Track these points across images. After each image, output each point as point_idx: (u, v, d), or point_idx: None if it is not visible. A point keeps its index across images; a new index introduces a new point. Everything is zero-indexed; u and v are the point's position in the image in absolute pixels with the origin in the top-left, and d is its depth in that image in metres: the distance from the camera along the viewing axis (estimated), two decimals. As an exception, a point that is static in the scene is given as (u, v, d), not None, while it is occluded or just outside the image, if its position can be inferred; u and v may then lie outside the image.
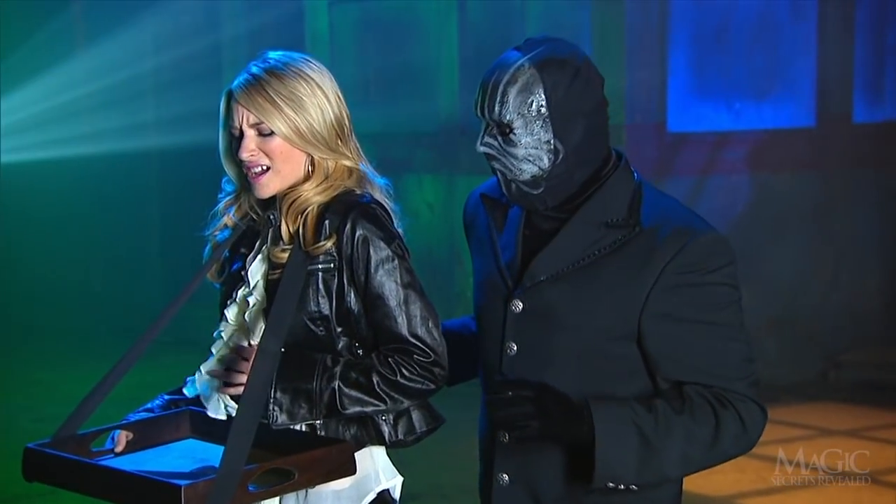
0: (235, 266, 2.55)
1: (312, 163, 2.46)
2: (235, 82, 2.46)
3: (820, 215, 8.29)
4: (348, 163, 2.48)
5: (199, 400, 2.54)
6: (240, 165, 2.48)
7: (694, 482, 2.49)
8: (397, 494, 2.52)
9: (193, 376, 2.56)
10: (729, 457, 2.36)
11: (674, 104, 7.89)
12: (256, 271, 2.49)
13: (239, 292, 2.51)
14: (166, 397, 2.64)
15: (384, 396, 2.36)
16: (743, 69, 8.12)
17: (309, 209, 2.43)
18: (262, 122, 2.42)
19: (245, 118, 2.43)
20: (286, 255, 2.43)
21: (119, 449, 2.49)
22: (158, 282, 10.31)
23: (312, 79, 2.45)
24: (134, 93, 10.30)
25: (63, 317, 10.52)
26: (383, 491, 2.48)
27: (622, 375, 2.36)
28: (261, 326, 2.46)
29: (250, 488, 2.19)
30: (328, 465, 2.30)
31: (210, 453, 2.45)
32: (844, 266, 8.36)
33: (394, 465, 2.53)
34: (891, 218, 8.44)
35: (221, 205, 2.58)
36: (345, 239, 2.39)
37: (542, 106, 2.32)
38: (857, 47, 8.32)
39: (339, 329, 2.43)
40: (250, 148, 2.43)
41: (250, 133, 2.43)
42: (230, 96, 2.46)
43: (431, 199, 8.65)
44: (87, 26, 10.62)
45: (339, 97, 2.49)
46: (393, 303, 2.39)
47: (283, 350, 2.36)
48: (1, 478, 5.77)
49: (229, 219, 2.56)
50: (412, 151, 8.65)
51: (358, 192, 2.46)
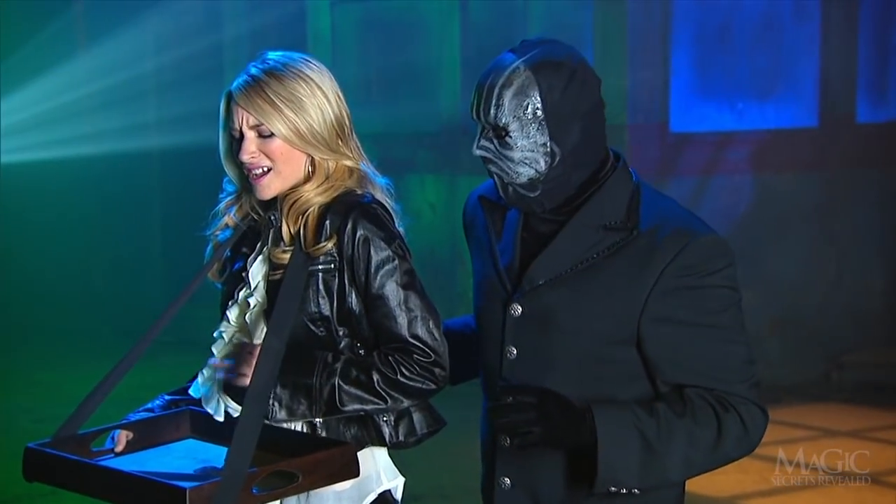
0: (237, 266, 2.55)
1: (313, 163, 2.46)
2: (235, 84, 2.45)
3: (823, 215, 8.28)
4: (349, 163, 2.48)
5: (200, 400, 2.53)
6: (241, 167, 2.48)
7: (696, 483, 2.48)
8: (399, 495, 2.52)
9: (197, 378, 2.56)
10: (731, 459, 2.35)
11: (676, 104, 7.88)
12: (257, 272, 2.49)
13: (240, 293, 2.50)
14: (167, 397, 2.63)
15: (384, 395, 2.36)
16: (746, 69, 8.11)
17: (310, 210, 2.42)
18: (262, 124, 2.42)
19: (245, 120, 2.43)
20: (287, 256, 2.42)
21: (119, 449, 2.48)
22: (160, 282, 10.30)
23: (312, 79, 2.44)
24: (135, 93, 10.29)
25: (64, 317, 10.51)
26: (385, 491, 2.48)
27: (622, 379, 2.34)
28: (262, 327, 2.46)
29: (254, 491, 2.19)
30: (332, 468, 2.29)
31: (211, 454, 2.45)
32: (847, 266, 8.35)
33: (396, 466, 2.53)
34: (894, 218, 8.42)
35: (222, 205, 2.58)
36: (345, 239, 2.39)
37: (538, 108, 2.30)
38: (861, 47, 8.31)
39: (341, 329, 2.43)
40: (250, 150, 2.43)
41: (250, 135, 2.43)
42: (230, 98, 2.46)
43: (433, 199, 8.65)
44: (89, 26, 10.61)
45: (340, 97, 2.49)
46: (393, 303, 2.39)
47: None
48: (2, 478, 5.76)
49: (230, 219, 2.56)
50: (414, 151, 8.64)
51: (359, 193, 2.45)
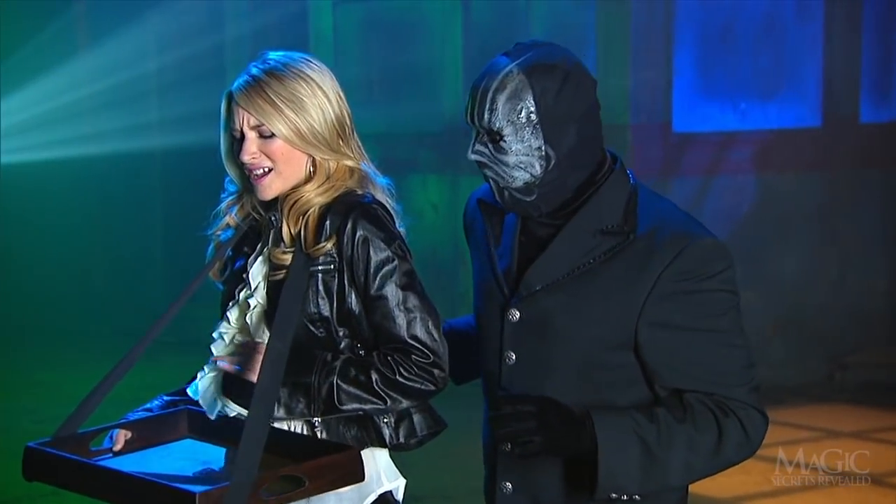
0: (237, 266, 2.54)
1: (314, 163, 2.45)
2: (235, 84, 2.45)
3: (826, 216, 8.27)
4: (350, 163, 2.47)
5: (198, 400, 2.53)
6: (242, 167, 2.48)
7: (698, 483, 2.47)
8: (400, 496, 2.51)
9: (196, 379, 2.55)
10: (731, 464, 2.34)
11: (679, 104, 7.86)
12: (257, 273, 2.48)
13: (240, 294, 2.50)
14: (165, 398, 2.62)
15: (383, 395, 2.35)
16: (749, 69, 8.09)
17: (310, 211, 2.42)
18: (263, 124, 2.41)
19: (245, 120, 2.42)
20: (287, 257, 2.42)
21: (118, 448, 2.48)
22: (161, 282, 10.30)
23: (312, 79, 2.44)
24: (137, 93, 10.29)
25: (65, 317, 10.50)
26: (385, 492, 2.47)
27: (622, 384, 2.33)
28: (262, 328, 2.45)
29: (262, 495, 2.18)
30: (338, 472, 2.29)
31: (211, 455, 2.45)
32: (850, 267, 8.34)
33: (397, 467, 2.52)
34: (897, 219, 8.43)
35: (224, 205, 2.57)
36: (345, 240, 2.39)
37: (532, 112, 2.29)
38: (864, 47, 8.30)
39: (341, 330, 2.42)
40: (251, 150, 2.43)
41: (251, 135, 2.43)
42: (230, 98, 2.46)
43: (435, 200, 8.64)
44: (90, 26, 10.61)
45: (340, 96, 2.48)
46: (392, 304, 2.38)
47: None
48: (3, 479, 5.75)
49: (231, 219, 2.56)
50: (416, 152, 8.63)
51: (359, 193, 2.45)
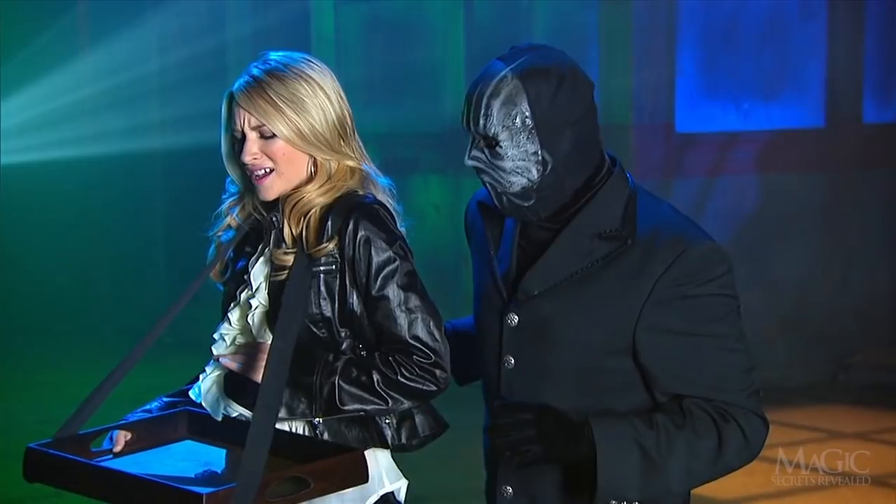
0: (239, 266, 2.54)
1: (315, 164, 2.45)
2: (236, 84, 2.45)
3: (829, 216, 8.26)
4: (351, 163, 2.47)
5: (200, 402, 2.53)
6: (243, 168, 2.47)
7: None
8: (402, 497, 2.51)
9: (198, 380, 2.55)
10: (732, 469, 2.33)
11: (682, 104, 7.85)
12: (259, 274, 2.48)
13: (242, 295, 2.49)
14: (165, 399, 2.62)
15: (384, 395, 2.35)
16: (752, 69, 8.08)
17: (312, 211, 2.42)
18: (264, 125, 2.41)
19: (246, 121, 2.42)
20: (289, 258, 2.42)
21: (118, 449, 2.47)
22: (163, 282, 10.31)
23: (313, 79, 2.43)
24: (139, 93, 10.29)
25: (67, 318, 10.50)
26: (387, 493, 2.46)
27: (620, 389, 2.32)
28: (264, 329, 2.45)
29: (268, 496, 2.18)
30: (342, 473, 2.29)
31: (212, 456, 2.44)
32: (854, 267, 8.33)
33: (400, 468, 2.51)
34: (901, 219, 8.41)
35: (225, 205, 2.57)
36: (347, 240, 2.38)
37: (527, 117, 2.27)
38: (868, 47, 8.29)
39: (342, 331, 2.42)
40: (252, 151, 2.42)
41: (252, 136, 2.42)
42: (231, 98, 2.45)
43: (437, 200, 8.63)
44: (92, 27, 10.61)
45: (341, 96, 2.48)
46: (394, 304, 2.38)
47: None
48: (5, 480, 5.75)
49: (233, 219, 2.55)
50: (418, 152, 8.62)
51: (361, 193, 2.44)
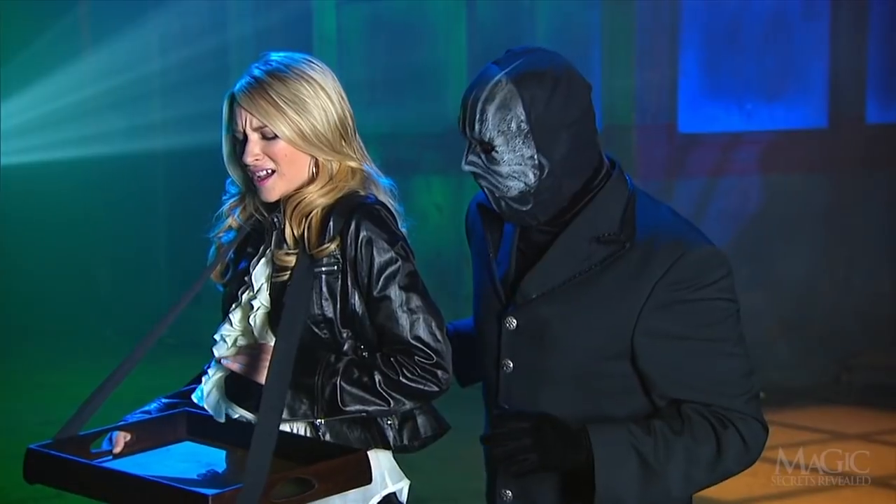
0: (240, 267, 2.53)
1: (317, 164, 2.45)
2: (237, 86, 2.44)
3: (832, 217, 8.25)
4: (352, 163, 2.47)
5: (196, 402, 2.53)
6: (244, 169, 2.47)
7: (704, 486, 2.45)
8: (404, 498, 2.51)
9: (200, 382, 2.55)
10: (732, 474, 2.31)
11: (685, 105, 7.85)
12: (260, 274, 2.48)
13: (243, 295, 2.49)
14: (164, 401, 2.62)
15: (386, 396, 2.35)
16: (755, 69, 8.08)
17: (313, 212, 2.42)
18: (266, 126, 2.41)
19: (248, 122, 2.42)
20: (290, 259, 2.41)
21: (117, 450, 2.47)
22: (165, 284, 10.31)
23: (315, 80, 2.43)
24: (140, 94, 10.30)
25: (69, 319, 10.51)
26: (389, 494, 2.46)
27: (618, 394, 2.31)
28: (266, 330, 2.45)
29: (273, 497, 2.18)
30: (346, 474, 2.29)
31: (213, 457, 2.44)
32: (857, 268, 8.32)
33: (402, 469, 2.51)
34: (904, 220, 8.40)
35: (226, 206, 2.57)
36: (349, 241, 2.38)
37: (522, 122, 2.26)
38: (871, 47, 8.28)
39: (344, 331, 2.41)
40: (254, 152, 2.42)
41: (254, 137, 2.42)
42: (232, 100, 2.45)
43: (440, 201, 8.62)
44: (94, 27, 10.62)
45: (342, 97, 2.48)
46: (395, 305, 2.38)
47: None
48: (6, 481, 5.74)
49: (234, 221, 2.56)
50: (420, 153, 8.61)
51: (362, 194, 2.45)
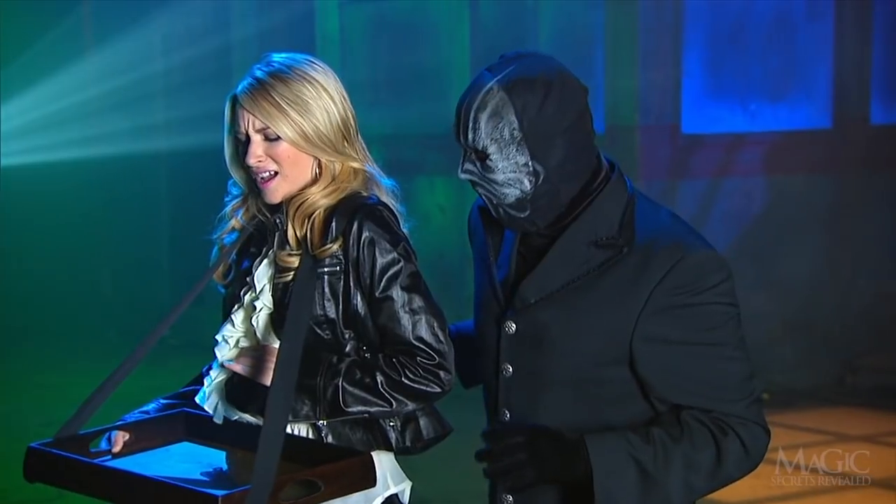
0: (243, 267, 2.53)
1: (319, 165, 2.45)
2: (240, 87, 2.44)
3: (836, 218, 8.24)
4: (355, 164, 2.47)
5: (195, 402, 2.53)
6: (247, 170, 2.47)
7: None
8: (406, 499, 2.51)
9: (200, 382, 2.55)
10: (733, 480, 2.30)
11: (688, 105, 7.84)
12: (263, 275, 2.48)
13: (246, 297, 2.49)
14: (162, 401, 2.62)
15: (388, 397, 2.34)
16: (758, 70, 8.07)
17: (316, 213, 2.42)
18: (268, 127, 2.41)
19: (251, 123, 2.42)
20: (292, 259, 2.42)
21: (116, 449, 2.46)
22: (167, 284, 10.31)
23: (317, 81, 2.43)
24: (143, 94, 10.31)
25: (70, 319, 10.51)
26: (391, 496, 2.46)
27: (618, 399, 2.30)
28: (268, 331, 2.45)
29: (281, 498, 2.18)
30: (352, 477, 2.29)
31: (213, 458, 2.45)
32: (861, 269, 8.31)
33: (404, 471, 2.51)
34: (908, 220, 8.39)
35: (229, 208, 2.57)
36: (351, 241, 2.38)
37: (515, 129, 2.24)
38: (875, 48, 8.28)
39: (346, 332, 2.41)
40: (257, 154, 2.42)
41: (257, 138, 2.42)
42: (235, 101, 2.45)
43: (443, 202, 8.61)
44: (97, 28, 10.62)
45: (345, 97, 2.48)
46: (398, 305, 2.37)
47: None
48: (7, 482, 5.73)
49: (237, 222, 2.55)
50: (423, 153, 8.60)
51: (364, 194, 2.45)
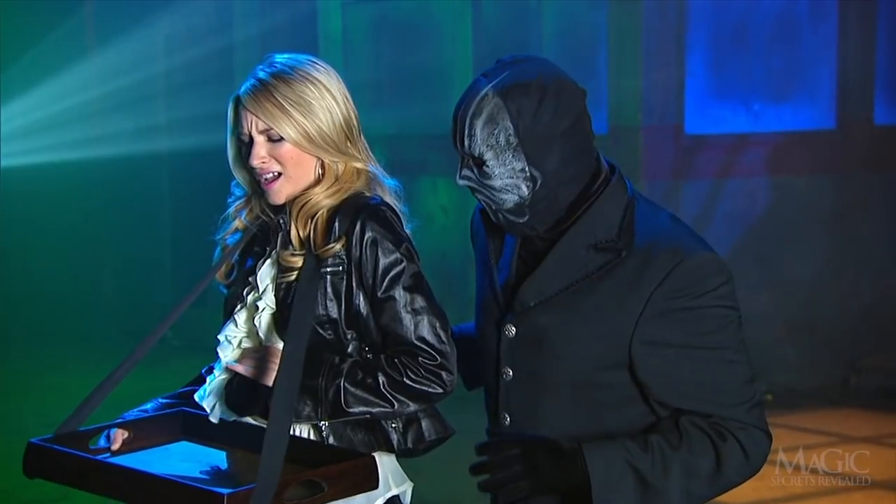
0: (247, 267, 2.53)
1: (322, 166, 2.45)
2: (242, 88, 2.45)
3: (840, 218, 8.23)
4: (358, 164, 2.47)
5: (194, 401, 2.53)
6: (251, 171, 2.47)
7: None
8: (407, 500, 2.50)
9: (200, 382, 2.55)
10: (733, 485, 2.29)
11: (691, 106, 7.83)
12: (266, 275, 2.47)
13: (248, 297, 2.49)
14: (161, 401, 2.61)
15: (390, 398, 2.34)
16: (762, 70, 8.06)
17: (319, 213, 2.42)
18: (272, 128, 2.41)
19: (254, 124, 2.42)
20: (296, 260, 2.42)
21: (116, 447, 2.46)
22: (169, 285, 10.31)
23: (320, 81, 2.43)
24: (145, 95, 10.32)
25: (73, 320, 10.52)
26: (393, 497, 2.46)
27: (618, 403, 2.29)
28: (271, 331, 2.45)
29: (285, 498, 2.18)
30: (355, 478, 2.29)
31: (213, 457, 2.45)
32: (865, 270, 8.30)
33: (406, 472, 2.51)
34: (912, 221, 8.38)
35: (232, 209, 2.57)
36: (354, 241, 2.38)
37: (511, 135, 2.23)
38: (879, 48, 8.26)
39: (349, 332, 2.41)
40: (261, 155, 2.42)
41: (260, 139, 2.42)
42: (238, 102, 2.45)
43: (445, 203, 8.60)
44: (99, 28, 10.63)
45: (347, 98, 2.48)
46: (400, 306, 2.37)
47: None
48: (8, 483, 5.73)
49: (240, 222, 2.55)
50: (426, 154, 8.58)
51: (367, 195, 2.44)
